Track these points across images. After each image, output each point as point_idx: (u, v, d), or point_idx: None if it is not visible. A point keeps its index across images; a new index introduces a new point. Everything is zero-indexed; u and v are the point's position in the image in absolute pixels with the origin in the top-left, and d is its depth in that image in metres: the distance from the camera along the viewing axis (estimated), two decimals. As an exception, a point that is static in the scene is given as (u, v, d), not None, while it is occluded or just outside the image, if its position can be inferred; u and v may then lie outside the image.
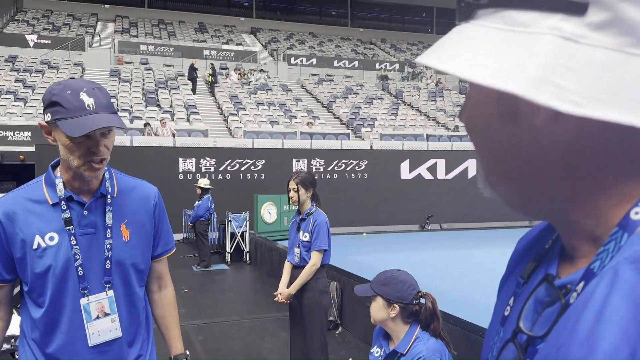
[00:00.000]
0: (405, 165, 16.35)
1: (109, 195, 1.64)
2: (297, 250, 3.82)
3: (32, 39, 25.50)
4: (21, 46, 24.59)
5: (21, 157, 13.94)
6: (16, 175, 14.51)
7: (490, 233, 14.25)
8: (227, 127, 19.37)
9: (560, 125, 0.42)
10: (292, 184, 3.81)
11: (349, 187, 15.49)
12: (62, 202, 1.57)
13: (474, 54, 0.43)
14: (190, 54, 26.57)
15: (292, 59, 29.95)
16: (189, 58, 25.08)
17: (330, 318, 5.48)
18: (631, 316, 0.37)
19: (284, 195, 3.97)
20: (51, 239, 1.55)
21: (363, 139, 19.45)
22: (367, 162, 15.94)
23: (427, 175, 16.59)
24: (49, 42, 25.49)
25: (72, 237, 1.56)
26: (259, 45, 33.12)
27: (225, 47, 29.99)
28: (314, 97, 24.87)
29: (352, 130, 20.57)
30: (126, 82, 21.61)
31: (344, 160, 15.77)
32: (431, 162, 16.63)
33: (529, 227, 0.65)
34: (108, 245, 1.60)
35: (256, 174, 14.79)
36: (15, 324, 2.14)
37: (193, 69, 21.96)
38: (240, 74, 25.15)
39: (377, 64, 31.51)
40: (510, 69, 0.40)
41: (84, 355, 1.57)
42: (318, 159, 15.53)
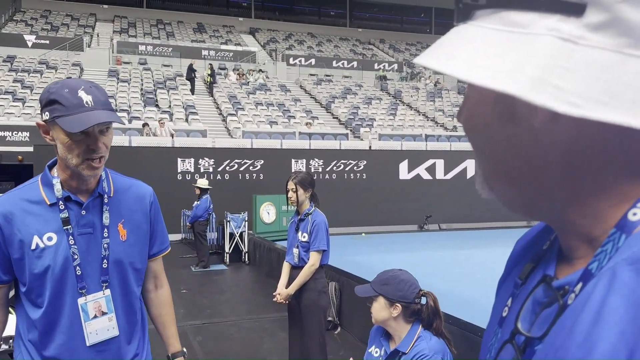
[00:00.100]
0: (404, 166, 16.36)
1: (106, 195, 1.65)
2: (295, 251, 3.82)
3: (30, 39, 25.46)
4: (19, 46, 24.55)
5: (19, 157, 13.92)
6: (14, 175, 14.49)
7: (489, 233, 14.26)
8: (225, 127, 19.36)
9: (560, 125, 0.42)
10: (291, 184, 3.81)
11: (347, 187, 15.49)
12: (60, 202, 1.57)
13: (472, 55, 0.43)
14: (189, 54, 26.55)
15: (291, 59, 29.95)
16: (187, 58, 25.06)
17: (329, 318, 5.47)
18: (629, 317, 0.37)
19: (282, 196, 3.96)
20: (49, 239, 1.55)
21: (362, 139, 19.45)
22: (365, 162, 15.94)
23: (426, 176, 16.60)
24: (48, 42, 25.45)
25: (70, 237, 1.56)
26: (257, 45, 33.11)
27: (223, 47, 29.97)
28: (313, 98, 24.88)
29: (351, 130, 20.58)
30: (125, 82, 21.60)
31: (342, 161, 15.77)
32: (430, 162, 16.65)
33: (528, 227, 0.65)
34: (105, 245, 1.61)
35: (255, 174, 14.79)
36: (13, 325, 2.13)
37: (191, 70, 21.95)
38: (238, 74, 25.14)
39: (375, 64, 31.51)
40: (508, 70, 0.40)
41: (82, 355, 1.57)
42: (317, 159, 15.53)
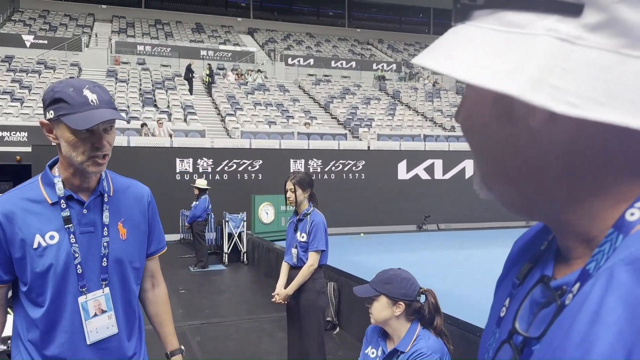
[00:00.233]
0: (402, 166, 16.37)
1: (106, 194, 1.66)
2: (294, 251, 3.82)
3: (28, 39, 25.43)
4: (18, 46, 24.52)
5: (18, 157, 13.90)
6: (13, 175, 14.47)
7: (487, 233, 14.27)
8: (224, 127, 19.35)
9: (558, 126, 0.42)
10: (289, 185, 3.80)
11: (346, 187, 15.50)
12: (62, 201, 1.58)
13: (470, 55, 0.43)
14: (188, 54, 26.54)
15: (290, 60, 29.95)
16: (186, 58, 25.06)
17: (328, 318, 5.48)
18: (627, 317, 0.37)
19: (281, 196, 3.97)
20: (52, 237, 1.55)
21: (360, 140, 19.46)
22: (364, 162, 15.95)
23: (425, 176, 16.61)
24: (46, 42, 25.42)
25: (72, 236, 1.57)
26: (256, 45, 33.10)
27: (222, 47, 29.96)
28: (311, 98, 24.88)
29: (350, 130, 20.58)
30: (123, 82, 21.57)
31: (341, 161, 15.77)
32: (428, 162, 16.66)
33: (526, 227, 0.65)
34: (105, 243, 1.62)
35: (253, 175, 14.79)
36: (10, 326, 2.13)
37: (189, 70, 21.94)
38: (237, 74, 25.13)
39: (374, 65, 31.53)
40: (506, 70, 0.40)
41: (83, 353, 1.58)
42: (315, 160, 15.53)
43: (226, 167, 14.57)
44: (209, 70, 22.87)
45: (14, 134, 14.83)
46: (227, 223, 10.31)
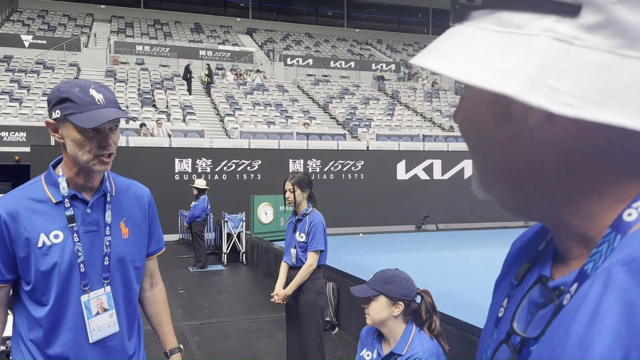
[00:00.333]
0: (401, 166, 16.37)
1: (109, 193, 1.68)
2: (293, 251, 3.82)
3: (27, 39, 25.40)
4: (16, 46, 24.50)
5: (16, 157, 13.89)
6: (11, 175, 14.46)
7: (486, 233, 14.28)
8: (223, 127, 19.35)
9: (556, 126, 0.42)
10: (288, 185, 3.80)
11: (345, 187, 15.50)
12: (66, 200, 1.60)
13: (467, 56, 0.43)
14: (186, 54, 26.53)
15: (289, 60, 29.95)
16: (184, 58, 25.05)
17: (327, 318, 5.48)
18: (624, 318, 0.37)
19: (280, 196, 3.97)
20: (56, 236, 1.57)
21: (359, 140, 19.46)
22: (363, 162, 15.95)
23: (424, 176, 16.62)
24: (45, 42, 25.40)
25: (75, 234, 1.59)
26: (255, 45, 33.10)
27: (221, 47, 29.95)
28: (310, 98, 24.88)
29: (349, 130, 20.59)
30: (122, 82, 21.56)
31: (340, 161, 15.78)
32: (427, 162, 16.66)
33: (525, 227, 0.65)
34: (107, 242, 1.64)
35: (252, 175, 14.78)
36: (8, 325, 2.12)
37: (187, 70, 21.93)
38: (236, 74, 25.13)
39: (373, 65, 31.53)
40: (504, 71, 0.40)
41: (85, 352, 1.60)
42: (314, 160, 15.53)
43: (225, 167, 14.57)
44: (207, 70, 22.86)
45: (12, 134, 14.81)
46: (226, 223, 10.31)
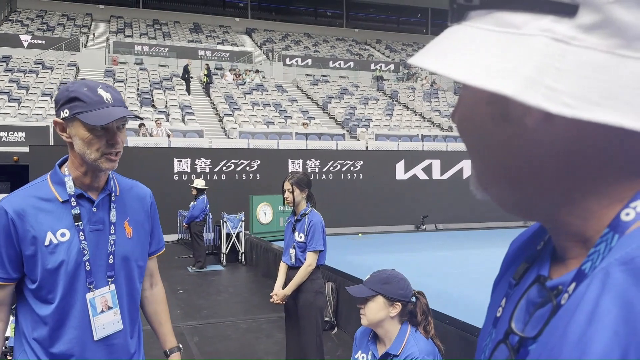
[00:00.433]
0: (400, 166, 16.37)
1: (113, 193, 1.71)
2: (292, 251, 3.82)
3: (26, 39, 25.38)
4: (15, 46, 24.48)
5: (15, 157, 13.88)
6: (10, 176, 14.45)
7: (485, 233, 14.29)
8: (222, 127, 19.34)
9: (555, 126, 0.42)
10: (287, 185, 3.80)
11: (344, 187, 15.50)
12: (72, 199, 1.62)
13: (466, 56, 0.43)
14: (185, 54, 26.51)
15: (288, 60, 29.94)
16: (183, 58, 25.02)
17: (326, 319, 5.48)
18: (622, 318, 0.37)
19: (279, 196, 3.97)
20: (63, 235, 1.59)
21: (358, 140, 19.46)
22: (362, 162, 15.96)
23: (422, 176, 16.62)
24: (43, 42, 25.38)
25: (81, 233, 1.61)
26: (254, 45, 33.09)
27: (220, 47, 29.95)
28: (310, 98, 24.88)
29: (348, 130, 20.59)
30: (121, 82, 21.54)
31: (339, 161, 15.78)
32: (426, 162, 16.67)
33: (524, 227, 0.65)
34: (112, 241, 1.67)
35: (251, 175, 14.78)
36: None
37: (186, 70, 21.93)
38: (235, 74, 25.12)
39: (372, 65, 31.54)
40: (502, 71, 0.40)
41: (90, 349, 1.62)
42: (313, 160, 15.53)
43: (224, 168, 14.57)
44: (207, 70, 22.85)
45: (11, 134, 14.80)
46: (225, 223, 10.30)
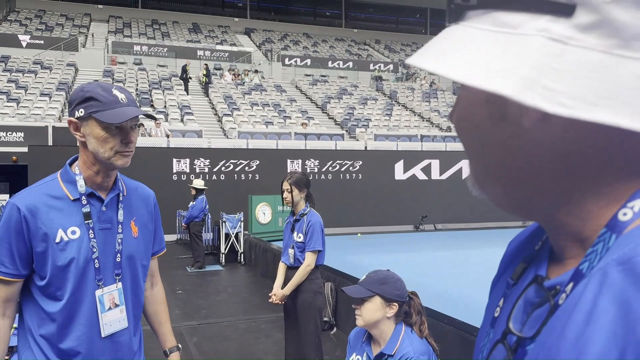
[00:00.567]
0: (399, 166, 16.38)
1: (121, 193, 1.76)
2: (291, 251, 3.82)
3: (24, 39, 25.36)
4: (14, 46, 24.46)
5: (14, 157, 13.87)
6: (9, 176, 14.44)
7: (485, 233, 14.29)
8: (221, 127, 19.34)
9: (553, 126, 0.42)
10: (286, 185, 3.80)
11: (343, 187, 15.50)
12: (83, 197, 1.66)
13: (463, 56, 0.43)
14: (184, 55, 26.50)
15: (286, 60, 29.94)
16: (182, 58, 25.01)
17: (325, 319, 5.48)
18: (619, 318, 0.37)
19: (278, 196, 3.96)
20: (73, 232, 1.63)
21: (357, 140, 19.46)
22: (361, 162, 15.96)
23: (422, 176, 16.63)
24: (42, 42, 25.36)
25: (91, 231, 1.65)
26: (253, 45, 33.08)
27: (219, 47, 29.93)
28: (309, 98, 24.88)
29: (347, 130, 20.59)
30: (120, 82, 21.52)
31: (338, 161, 15.78)
32: (425, 162, 16.67)
33: (523, 227, 0.65)
34: (119, 240, 1.71)
35: (250, 175, 14.78)
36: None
37: (184, 71, 21.92)
38: (234, 74, 25.11)
39: (371, 65, 31.55)
40: (499, 71, 0.40)
41: (97, 346, 1.65)
42: (312, 160, 15.53)
43: (223, 168, 14.56)
44: (206, 70, 22.85)
45: (10, 134, 14.78)
46: (224, 223, 10.30)
